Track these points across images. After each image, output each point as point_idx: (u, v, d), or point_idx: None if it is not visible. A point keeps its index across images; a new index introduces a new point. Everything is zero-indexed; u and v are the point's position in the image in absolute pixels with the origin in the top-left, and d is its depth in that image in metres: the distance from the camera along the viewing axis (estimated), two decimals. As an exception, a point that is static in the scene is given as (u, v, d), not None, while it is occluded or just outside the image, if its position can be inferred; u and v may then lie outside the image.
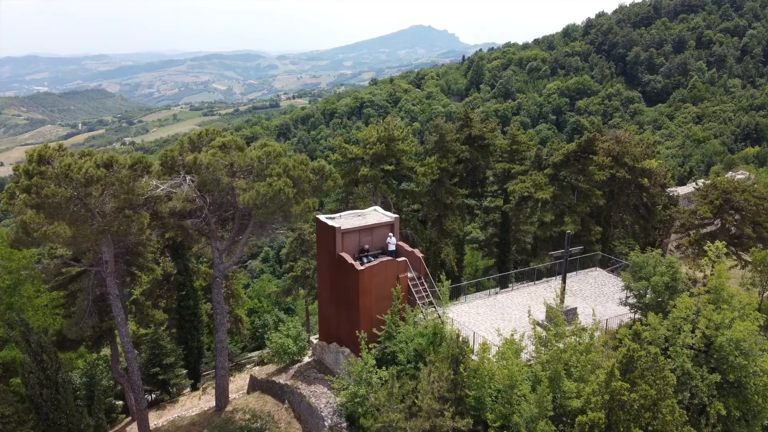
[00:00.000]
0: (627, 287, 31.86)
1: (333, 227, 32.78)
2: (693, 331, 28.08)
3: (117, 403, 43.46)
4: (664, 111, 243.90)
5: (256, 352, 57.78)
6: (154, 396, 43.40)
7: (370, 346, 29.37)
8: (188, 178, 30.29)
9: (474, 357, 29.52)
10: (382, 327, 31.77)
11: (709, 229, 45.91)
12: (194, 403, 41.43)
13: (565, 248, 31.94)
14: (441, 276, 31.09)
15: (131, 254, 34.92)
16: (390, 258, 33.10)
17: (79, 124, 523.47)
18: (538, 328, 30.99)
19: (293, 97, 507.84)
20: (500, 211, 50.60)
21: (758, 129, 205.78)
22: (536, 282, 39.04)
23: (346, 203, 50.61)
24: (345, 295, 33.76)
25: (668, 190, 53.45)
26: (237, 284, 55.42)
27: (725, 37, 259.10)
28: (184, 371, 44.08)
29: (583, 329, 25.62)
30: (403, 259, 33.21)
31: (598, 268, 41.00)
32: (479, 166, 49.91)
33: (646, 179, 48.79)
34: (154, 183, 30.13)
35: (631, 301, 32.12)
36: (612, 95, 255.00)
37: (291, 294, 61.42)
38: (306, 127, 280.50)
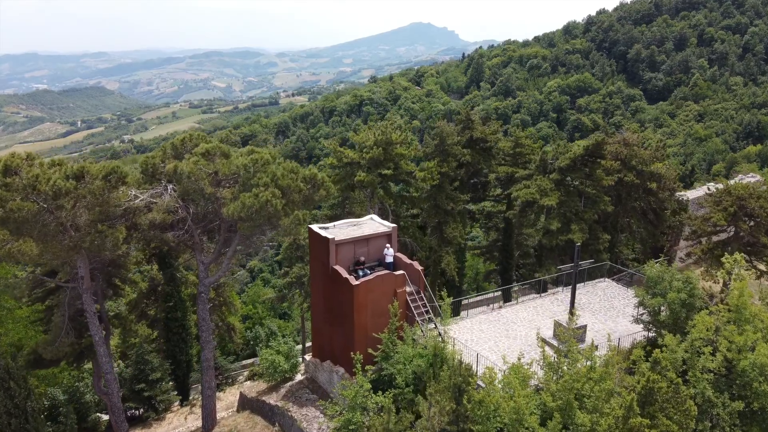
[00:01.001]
0: (641, 303, 29.75)
1: (326, 238, 30.70)
2: (713, 354, 26.06)
3: (103, 418, 41.37)
4: (665, 109, 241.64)
5: (250, 360, 55.73)
6: (140, 411, 41.38)
7: (365, 368, 27.27)
8: (170, 187, 28.21)
9: (479, 381, 27.51)
10: (379, 346, 29.74)
11: (721, 236, 43.84)
12: (181, 422, 39.38)
13: (574, 261, 29.86)
14: (442, 293, 29.00)
15: (113, 266, 32.86)
16: (387, 271, 31.03)
17: (78, 122, 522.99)
18: (547, 350, 28.96)
19: (292, 95, 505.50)
20: (503, 217, 48.49)
21: (760, 127, 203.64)
22: (542, 294, 36.96)
23: (342, 208, 48.54)
24: (339, 311, 31.70)
25: (677, 194, 51.34)
26: (230, 291, 53.35)
27: (727, 34, 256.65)
28: (172, 386, 42.01)
29: (595, 349, 23.50)
30: (401, 272, 31.14)
31: (606, 279, 38.94)
32: (481, 170, 47.78)
33: (654, 183, 46.72)
34: (133, 193, 28.08)
35: (645, 318, 30.01)
36: (613, 93, 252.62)
37: (285, 300, 59.32)
38: (305, 125, 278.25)
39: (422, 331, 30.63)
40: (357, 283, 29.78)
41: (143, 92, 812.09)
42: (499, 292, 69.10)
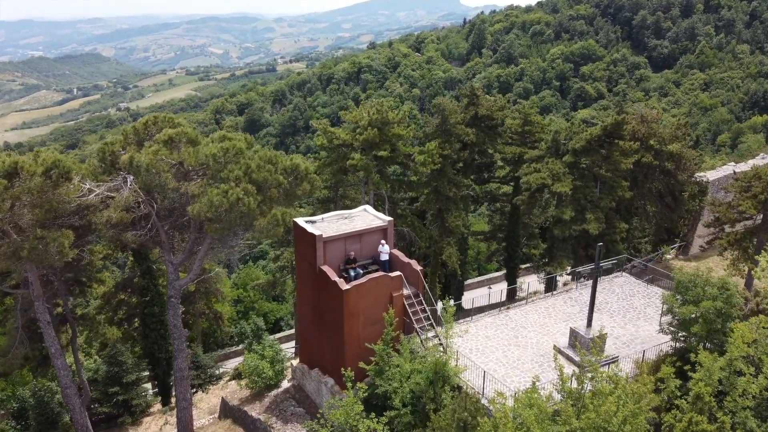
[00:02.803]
0: (669, 312, 26.17)
1: (313, 235, 27.03)
2: (755, 375, 22.62)
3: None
4: (670, 77, 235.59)
5: (241, 346, 52.31)
6: (118, 412, 38.20)
7: (357, 385, 23.85)
8: (130, 179, 24.36)
9: (485, 401, 24.14)
10: (372, 358, 26.34)
11: (746, 224, 40.16)
12: (159, 425, 36.19)
13: (595, 263, 26.21)
14: (444, 301, 25.45)
15: (74, 265, 29.19)
16: (382, 273, 27.44)
17: (75, 90, 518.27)
18: (563, 364, 25.54)
19: (290, 62, 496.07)
20: (509, 201, 44.75)
21: (766, 97, 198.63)
22: (554, 293, 33.44)
23: (335, 190, 44.77)
24: (327, 317, 28.21)
25: (697, 175, 47.41)
26: (216, 280, 49.84)
27: (734, 0, 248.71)
28: (150, 388, 38.81)
29: (621, 381, 19.99)
30: (397, 273, 27.55)
31: (624, 274, 35.34)
32: (486, 150, 43.81)
33: (673, 164, 42.88)
34: (87, 187, 24.26)
35: (674, 328, 26.41)
36: (617, 61, 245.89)
37: (277, 286, 55.94)
38: (302, 93, 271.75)
39: (421, 341, 27.21)
40: (347, 287, 26.23)
41: (139, 59, 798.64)
42: (501, 272, 66.54)
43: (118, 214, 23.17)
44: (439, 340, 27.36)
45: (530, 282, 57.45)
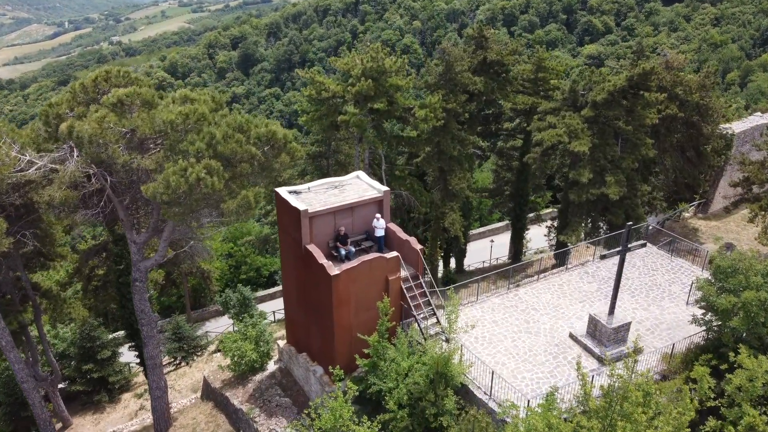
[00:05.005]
0: (704, 301, 22.74)
1: (297, 209, 23.38)
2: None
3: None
4: (680, 11, 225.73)
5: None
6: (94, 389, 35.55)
7: (347, 386, 20.76)
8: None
9: (493, 405, 21.16)
10: (365, 350, 23.22)
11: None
12: (138, 405, 33.58)
13: (622, 245, 22.67)
14: (450, 293, 22.07)
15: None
16: (377, 255, 23.94)
17: (66, 23, 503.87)
18: (583, 360, 22.48)
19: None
20: (519, 157, 40.73)
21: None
22: (568, 267, 30.05)
23: (327, 145, 40.78)
24: (315, 302, 24.93)
25: (721, 126, 43.12)
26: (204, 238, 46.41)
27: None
28: (126, 364, 36.06)
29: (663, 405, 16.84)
30: (394, 254, 24.07)
31: (647, 243, 31.73)
32: (495, 100, 39.44)
33: (697, 116, 38.70)
34: (27, 158, 20.44)
35: (708, 320, 23.06)
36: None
37: (269, 243, 52.71)
38: (297, 25, 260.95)
39: (421, 330, 24.03)
40: (337, 272, 22.82)
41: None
42: (504, 222, 63.01)
43: (62, 193, 19.44)
44: (441, 327, 24.23)
45: (533, 236, 54.31)
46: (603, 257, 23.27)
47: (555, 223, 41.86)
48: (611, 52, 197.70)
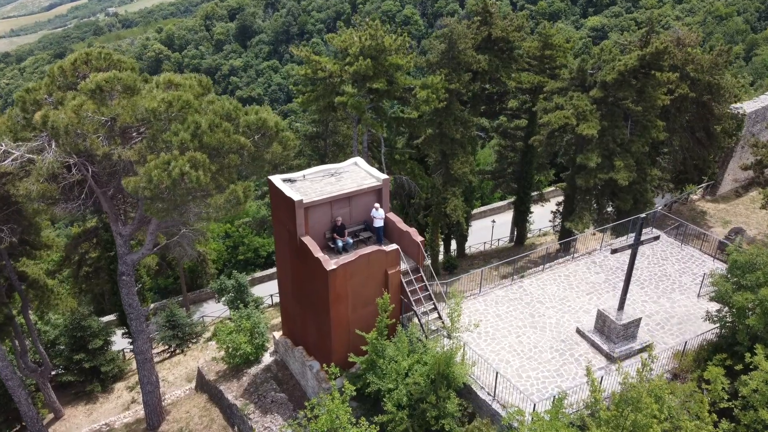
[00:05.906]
0: (720, 298, 21.61)
1: (291, 199, 22.14)
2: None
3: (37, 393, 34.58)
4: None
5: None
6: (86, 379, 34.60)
7: (344, 387, 19.77)
8: (55, 138, 19.17)
9: (497, 407, 20.22)
10: (363, 347, 22.21)
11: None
12: (131, 398, 32.70)
13: (635, 239, 21.50)
14: (454, 294, 20.93)
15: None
16: (375, 248, 22.76)
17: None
18: (593, 360, 21.60)
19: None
20: (523, 138, 39.30)
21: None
22: (574, 256, 28.90)
23: (324, 125, 39.34)
24: (311, 296, 23.85)
25: (732, 106, 41.52)
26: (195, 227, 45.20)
27: None
28: (120, 351, 35.16)
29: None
30: (393, 247, 22.89)
31: (654, 230, 30.58)
32: (499, 79, 37.86)
33: (709, 96, 37.22)
34: (3, 148, 19.16)
35: (722, 317, 21.96)
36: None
37: (266, 225, 51.58)
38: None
39: (421, 325, 23.00)
40: (333, 267, 21.67)
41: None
42: (506, 201, 61.71)
43: (40, 186, 18.21)
44: (442, 323, 23.20)
45: (536, 217, 52.99)
46: (614, 251, 21.90)
47: (560, 208, 40.60)
48: (615, 24, 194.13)
